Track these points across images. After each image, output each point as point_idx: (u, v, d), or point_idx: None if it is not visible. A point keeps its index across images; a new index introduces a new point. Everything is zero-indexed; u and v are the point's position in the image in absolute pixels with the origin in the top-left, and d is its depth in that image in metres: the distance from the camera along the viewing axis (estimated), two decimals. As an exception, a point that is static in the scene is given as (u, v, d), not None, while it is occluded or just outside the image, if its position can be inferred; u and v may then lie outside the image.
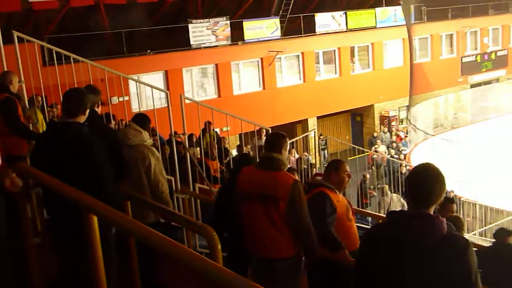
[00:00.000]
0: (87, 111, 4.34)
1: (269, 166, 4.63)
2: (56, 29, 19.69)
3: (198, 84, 22.84)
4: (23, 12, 18.54)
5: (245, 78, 23.85)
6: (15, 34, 7.09)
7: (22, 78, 7.01)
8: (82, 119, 4.28)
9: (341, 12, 26.31)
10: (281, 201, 4.46)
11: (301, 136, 22.07)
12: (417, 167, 3.05)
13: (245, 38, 23.45)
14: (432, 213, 2.97)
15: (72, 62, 7.73)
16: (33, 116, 8.16)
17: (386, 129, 27.28)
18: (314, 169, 15.72)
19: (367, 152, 24.06)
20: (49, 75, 7.76)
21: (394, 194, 16.18)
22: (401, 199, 15.73)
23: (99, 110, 5.79)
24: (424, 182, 2.96)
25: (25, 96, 7.26)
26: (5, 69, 6.73)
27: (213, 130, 13.46)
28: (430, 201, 2.97)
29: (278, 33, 24.25)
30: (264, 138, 12.40)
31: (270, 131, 9.49)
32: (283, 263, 4.58)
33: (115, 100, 14.70)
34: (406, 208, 3.62)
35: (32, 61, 7.49)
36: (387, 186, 16.36)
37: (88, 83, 7.21)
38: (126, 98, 12.41)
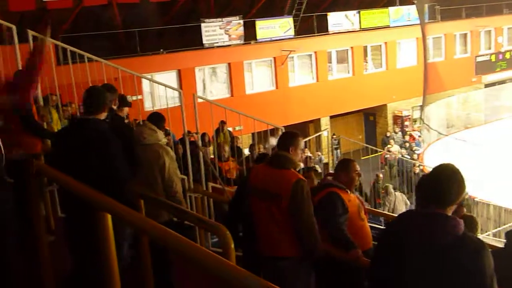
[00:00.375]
0: (107, 109, 4.38)
1: (277, 164, 4.62)
2: (70, 28, 19.79)
3: (209, 83, 22.85)
4: (37, 11, 18.65)
5: (258, 77, 23.85)
6: (30, 33, 7.12)
7: (37, 77, 7.04)
8: (102, 116, 4.32)
9: (354, 11, 26.23)
10: (283, 199, 4.45)
11: (313, 136, 22.04)
12: (437, 167, 3.03)
13: (258, 37, 23.45)
14: (449, 213, 2.95)
15: (86, 61, 7.77)
16: (47, 115, 8.22)
17: (398, 129, 27.14)
18: (327, 169, 15.70)
19: (380, 151, 23.97)
20: (63, 74, 7.81)
21: (398, 193, 16.16)
22: (405, 198, 15.71)
23: (124, 112, 5.82)
24: (441, 181, 2.94)
25: (40, 94, 7.30)
26: (20, 68, 6.78)
27: (227, 129, 13.47)
28: (447, 200, 2.94)
29: (291, 32, 24.22)
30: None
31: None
32: (287, 262, 4.55)
33: (128, 99, 14.72)
34: (409, 207, 3.61)
35: (46, 60, 7.52)
36: (390, 186, 16.32)
37: (102, 82, 7.25)
38: (140, 97, 12.46)
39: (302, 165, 4.94)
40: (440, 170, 3.00)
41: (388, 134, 26.26)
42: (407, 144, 25.56)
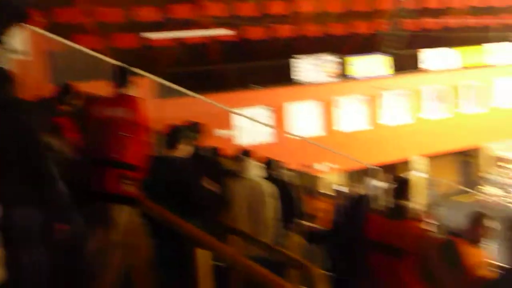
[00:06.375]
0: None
1: (399, 215, 4.54)
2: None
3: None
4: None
5: (352, 115, 23.54)
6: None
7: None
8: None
9: (452, 50, 25.57)
10: (410, 254, 4.36)
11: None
12: None
13: (353, 74, 23.31)
14: None
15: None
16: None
17: (498, 171, 25.92)
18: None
19: (476, 194, 22.96)
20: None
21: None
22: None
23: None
24: None
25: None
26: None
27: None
28: None
29: (386, 70, 23.94)
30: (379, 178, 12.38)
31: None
32: None
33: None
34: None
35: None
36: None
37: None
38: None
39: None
40: None
41: (486, 175, 25.15)
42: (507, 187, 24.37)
